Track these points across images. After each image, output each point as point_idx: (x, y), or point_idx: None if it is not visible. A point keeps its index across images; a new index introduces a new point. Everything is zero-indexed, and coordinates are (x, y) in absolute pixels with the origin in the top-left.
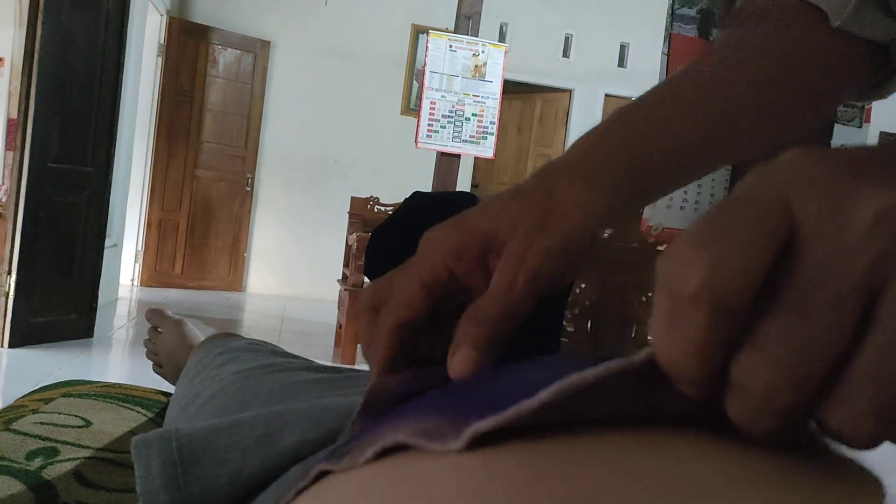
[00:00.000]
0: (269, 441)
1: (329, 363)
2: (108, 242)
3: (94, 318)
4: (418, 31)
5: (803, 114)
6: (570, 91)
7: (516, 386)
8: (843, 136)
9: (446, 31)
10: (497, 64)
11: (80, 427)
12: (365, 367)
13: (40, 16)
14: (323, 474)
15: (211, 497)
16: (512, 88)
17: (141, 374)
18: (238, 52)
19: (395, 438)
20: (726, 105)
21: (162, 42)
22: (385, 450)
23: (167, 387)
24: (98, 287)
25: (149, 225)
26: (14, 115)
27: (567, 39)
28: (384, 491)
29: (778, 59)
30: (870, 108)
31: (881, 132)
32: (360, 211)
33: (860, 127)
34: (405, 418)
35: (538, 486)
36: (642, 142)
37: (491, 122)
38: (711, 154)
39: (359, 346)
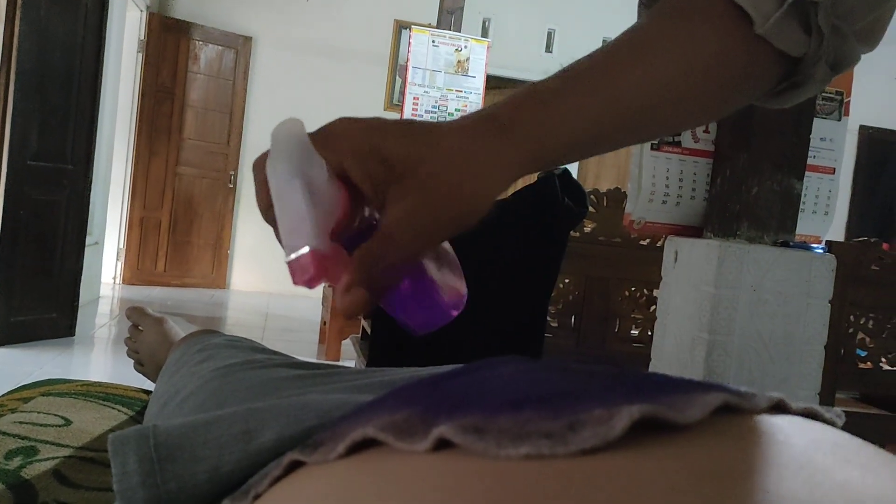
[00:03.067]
0: (247, 438)
1: (314, 360)
2: (89, 240)
3: (76, 317)
4: (401, 27)
5: (712, 109)
6: None
7: (489, 385)
8: (822, 128)
9: (429, 26)
10: (480, 59)
11: (59, 426)
12: (348, 364)
13: (18, 12)
14: (295, 464)
15: (189, 494)
16: (495, 83)
17: (123, 373)
18: (219, 48)
19: (364, 433)
20: (643, 95)
21: (142, 38)
22: (355, 444)
23: (149, 385)
24: (79, 285)
25: (131, 223)
26: None
27: (549, 34)
28: (357, 489)
29: (700, 54)
30: (848, 102)
31: (861, 125)
32: None
33: (839, 120)
34: (377, 409)
35: (504, 487)
36: (556, 127)
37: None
38: (615, 141)
39: (343, 341)
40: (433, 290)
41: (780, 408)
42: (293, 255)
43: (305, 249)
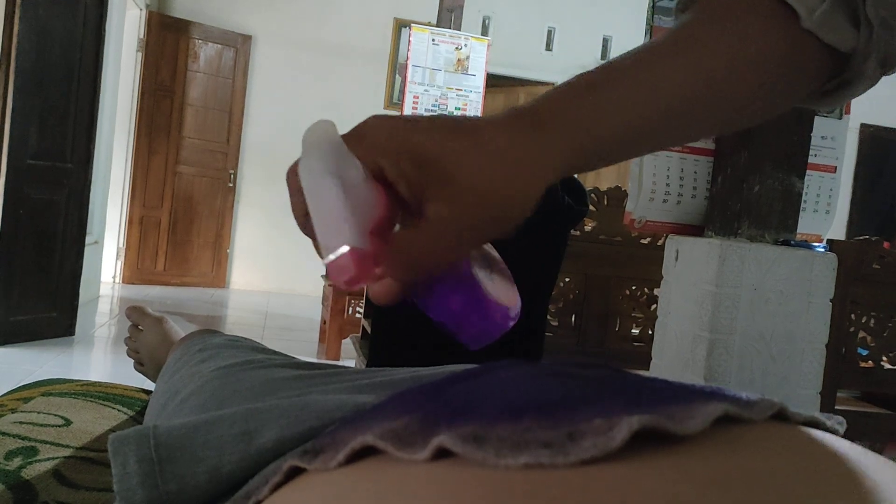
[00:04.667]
0: (247, 438)
1: (314, 359)
2: (88, 240)
3: (76, 317)
4: (400, 25)
5: (757, 107)
6: (553, 84)
7: (489, 392)
8: (823, 127)
9: (428, 24)
10: (480, 57)
11: (59, 426)
12: (348, 363)
13: (17, 11)
14: (295, 470)
15: (189, 495)
16: (495, 82)
17: (123, 372)
18: (219, 46)
19: (364, 441)
20: (685, 89)
21: (141, 37)
22: (355, 452)
23: (149, 385)
24: (79, 285)
25: (130, 222)
26: None
27: (550, 33)
28: (357, 498)
29: (744, 49)
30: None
31: (861, 123)
32: None
33: (840, 118)
34: (377, 415)
35: (503, 497)
36: (594, 119)
37: (474, 116)
38: (657, 138)
39: (343, 340)
40: (485, 301)
41: (781, 416)
42: (331, 256)
43: (344, 248)
